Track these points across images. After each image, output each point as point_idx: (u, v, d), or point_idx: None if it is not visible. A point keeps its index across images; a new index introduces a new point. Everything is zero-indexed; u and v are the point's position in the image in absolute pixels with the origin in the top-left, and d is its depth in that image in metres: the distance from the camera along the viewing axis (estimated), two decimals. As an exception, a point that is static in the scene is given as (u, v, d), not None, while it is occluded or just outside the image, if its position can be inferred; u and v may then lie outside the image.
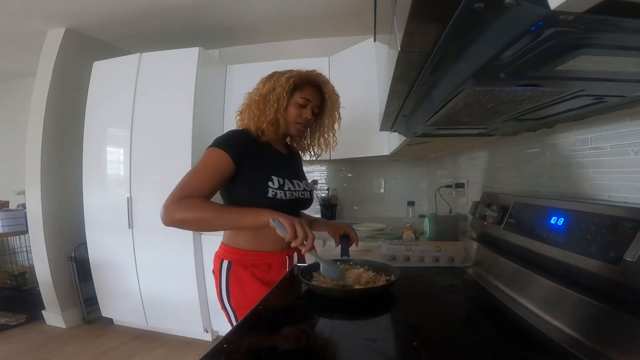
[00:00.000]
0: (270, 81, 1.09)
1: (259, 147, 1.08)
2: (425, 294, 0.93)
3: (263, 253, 1.08)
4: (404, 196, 2.76)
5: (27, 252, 3.00)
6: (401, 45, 0.40)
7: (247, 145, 1.04)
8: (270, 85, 1.08)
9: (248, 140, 1.06)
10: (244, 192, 1.03)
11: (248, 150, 1.03)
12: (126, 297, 2.45)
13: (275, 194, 1.02)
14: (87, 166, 2.52)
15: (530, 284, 0.74)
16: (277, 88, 1.06)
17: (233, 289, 1.06)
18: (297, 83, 1.08)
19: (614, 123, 0.72)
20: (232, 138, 1.04)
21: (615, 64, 0.42)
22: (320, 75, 1.14)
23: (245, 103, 1.13)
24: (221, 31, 2.72)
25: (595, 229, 0.59)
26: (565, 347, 0.55)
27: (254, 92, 1.13)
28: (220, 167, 0.98)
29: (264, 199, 1.01)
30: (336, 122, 1.20)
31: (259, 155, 1.06)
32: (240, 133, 1.08)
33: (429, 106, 0.70)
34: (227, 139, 1.03)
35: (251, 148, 1.05)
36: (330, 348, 0.63)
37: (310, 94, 1.11)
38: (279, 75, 1.10)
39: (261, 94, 1.08)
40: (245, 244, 1.07)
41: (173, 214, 0.88)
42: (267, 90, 1.07)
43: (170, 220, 0.89)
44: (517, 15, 0.30)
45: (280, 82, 1.06)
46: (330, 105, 1.15)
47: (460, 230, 1.46)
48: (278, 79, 1.08)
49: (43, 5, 2.27)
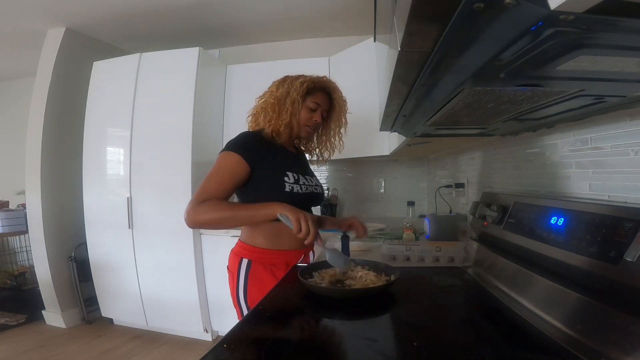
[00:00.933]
0: (284, 85, 1.13)
1: (271, 147, 1.12)
2: (425, 294, 0.93)
3: (281, 252, 1.11)
4: (404, 196, 2.76)
5: (27, 252, 3.00)
6: (401, 45, 0.40)
7: (260, 146, 1.09)
8: (284, 89, 1.12)
9: (261, 142, 1.10)
10: (263, 190, 1.07)
11: (261, 151, 1.08)
12: (126, 297, 2.45)
13: (292, 188, 1.08)
14: (87, 166, 2.52)
15: (530, 284, 0.74)
16: (292, 92, 1.11)
17: (252, 287, 1.08)
18: (310, 88, 1.13)
19: (614, 123, 0.72)
20: (245, 140, 1.09)
21: (615, 64, 0.42)
22: (330, 82, 1.20)
23: (260, 106, 1.16)
24: (221, 31, 2.72)
25: (595, 229, 0.59)
26: (565, 347, 0.55)
27: (268, 95, 1.16)
28: (235, 170, 1.03)
29: (283, 193, 1.06)
30: (343, 127, 1.26)
31: (272, 155, 1.10)
32: (253, 135, 1.12)
33: (429, 106, 0.70)
34: (240, 141, 1.08)
35: (264, 148, 1.09)
36: (330, 348, 0.63)
37: (321, 99, 1.16)
38: (292, 80, 1.14)
39: (276, 98, 1.12)
40: (263, 242, 1.10)
41: (194, 217, 0.96)
42: (282, 94, 1.12)
43: (192, 223, 0.97)
44: (517, 15, 0.30)
45: (295, 86, 1.11)
46: (338, 110, 1.21)
47: (460, 230, 1.46)
48: (292, 83, 1.13)
49: (43, 5, 2.27)
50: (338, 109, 1.21)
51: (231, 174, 1.02)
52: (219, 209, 0.97)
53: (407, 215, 1.87)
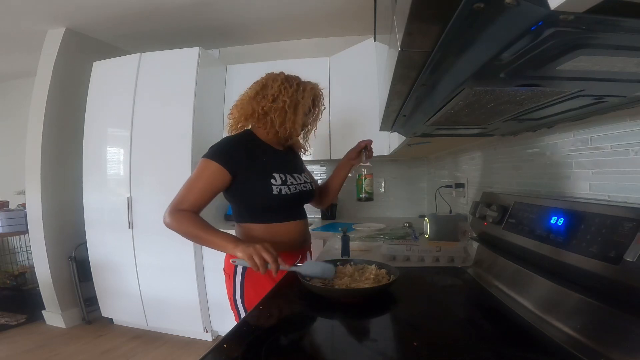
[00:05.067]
0: (299, 89, 1.14)
1: (256, 149, 1.12)
2: (425, 294, 0.93)
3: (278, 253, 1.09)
4: (404, 196, 2.76)
5: (27, 252, 3.00)
6: (401, 45, 0.40)
7: (243, 151, 1.08)
8: (299, 95, 1.14)
9: (245, 147, 1.10)
10: (251, 195, 1.08)
11: (245, 156, 1.08)
12: (126, 297, 2.45)
13: (280, 190, 1.08)
14: (87, 166, 2.52)
15: (530, 284, 0.74)
16: (306, 98, 1.14)
17: (248, 290, 1.08)
18: (313, 95, 1.19)
19: (614, 123, 0.72)
20: (228, 147, 1.09)
21: (615, 64, 0.42)
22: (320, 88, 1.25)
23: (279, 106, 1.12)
24: (221, 31, 2.72)
25: (595, 229, 0.59)
26: (565, 347, 0.55)
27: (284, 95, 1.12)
28: (214, 181, 1.04)
29: (270, 196, 1.07)
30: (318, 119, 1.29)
31: (257, 157, 1.10)
32: (237, 140, 1.12)
33: (429, 106, 0.70)
34: (223, 148, 1.08)
35: (248, 153, 1.09)
36: (330, 348, 0.63)
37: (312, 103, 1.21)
38: (303, 85, 1.17)
39: (293, 101, 1.13)
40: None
41: (168, 223, 1.01)
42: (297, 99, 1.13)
43: (167, 226, 1.02)
44: (517, 15, 0.30)
45: (307, 93, 1.15)
46: (319, 110, 1.26)
47: (460, 230, 1.46)
48: (304, 88, 1.15)
49: (43, 5, 2.27)
50: (319, 110, 1.26)
51: (210, 185, 1.04)
52: (189, 224, 0.99)
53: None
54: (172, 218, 1.00)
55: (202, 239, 0.99)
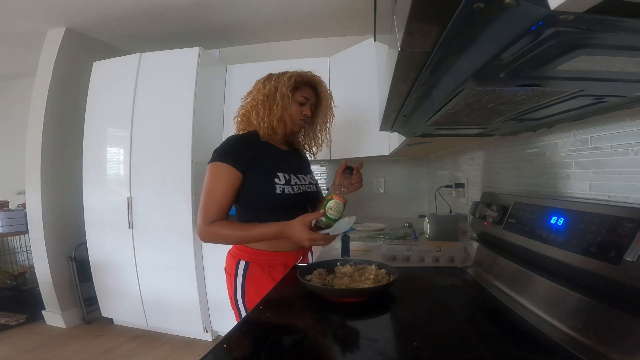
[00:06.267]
0: (271, 81, 1.12)
1: (260, 148, 1.11)
2: (425, 294, 0.92)
3: (279, 253, 1.10)
4: (404, 196, 2.76)
5: (27, 252, 3.00)
6: (401, 45, 0.40)
7: (248, 149, 1.08)
8: (272, 85, 1.11)
9: (248, 144, 1.09)
10: (254, 194, 1.07)
11: (250, 155, 1.07)
12: (126, 297, 2.45)
13: (283, 190, 1.07)
14: (87, 166, 2.52)
15: (530, 284, 0.74)
16: (281, 87, 1.09)
17: (249, 289, 1.08)
18: (297, 82, 1.12)
19: (614, 123, 0.72)
20: (232, 146, 1.08)
21: (615, 64, 0.42)
22: (315, 76, 1.19)
23: (251, 104, 1.14)
24: (221, 31, 2.72)
25: (595, 229, 0.59)
26: (565, 347, 0.55)
27: (255, 93, 1.14)
28: (228, 182, 1.03)
29: (274, 195, 1.06)
30: (329, 121, 1.25)
31: (261, 156, 1.09)
32: (240, 139, 1.11)
33: (429, 106, 0.70)
34: (228, 149, 1.07)
35: (253, 151, 1.08)
36: (330, 348, 0.63)
37: (308, 93, 1.16)
38: (278, 76, 1.13)
39: (265, 94, 1.11)
40: (261, 244, 1.09)
41: (207, 240, 1.03)
42: (270, 90, 1.10)
43: (206, 241, 1.04)
44: (517, 15, 0.30)
45: (282, 81, 1.10)
46: (325, 103, 1.21)
47: (460, 230, 1.46)
48: (279, 78, 1.12)
49: (43, 5, 2.27)
50: (325, 103, 1.21)
51: (227, 188, 1.03)
52: (226, 235, 1.01)
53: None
54: (207, 237, 1.02)
55: (246, 239, 1.04)
